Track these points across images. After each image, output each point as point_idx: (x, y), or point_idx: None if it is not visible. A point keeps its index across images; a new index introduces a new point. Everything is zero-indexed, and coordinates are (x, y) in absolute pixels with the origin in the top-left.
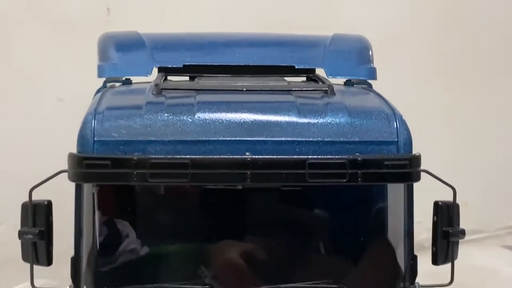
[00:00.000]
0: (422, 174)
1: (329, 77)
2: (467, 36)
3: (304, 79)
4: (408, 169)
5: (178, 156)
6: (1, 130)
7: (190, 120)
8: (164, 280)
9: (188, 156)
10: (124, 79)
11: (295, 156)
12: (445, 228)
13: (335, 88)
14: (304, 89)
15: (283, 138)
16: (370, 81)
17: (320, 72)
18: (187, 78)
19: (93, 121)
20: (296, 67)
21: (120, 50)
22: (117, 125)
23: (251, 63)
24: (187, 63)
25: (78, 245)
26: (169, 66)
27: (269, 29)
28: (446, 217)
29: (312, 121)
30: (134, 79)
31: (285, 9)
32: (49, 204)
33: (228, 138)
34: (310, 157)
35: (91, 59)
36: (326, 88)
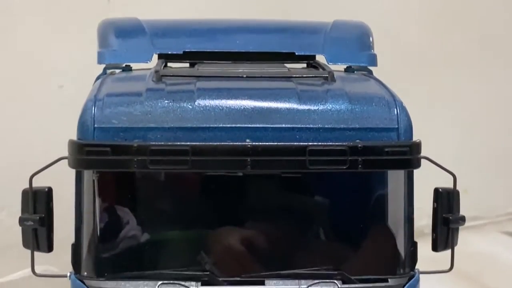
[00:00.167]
0: (422, 161)
1: (330, 63)
2: (468, 24)
3: (304, 65)
4: (409, 156)
5: (178, 143)
6: (1, 117)
7: (190, 106)
8: (165, 266)
9: (188, 143)
10: (124, 65)
11: (295, 143)
12: (445, 215)
13: (335, 75)
14: (305, 75)
15: (283, 125)
16: (370, 67)
17: (320, 58)
18: (187, 65)
19: (93, 108)
20: (297, 53)
21: (120, 36)
22: (117, 112)
23: (252, 49)
24: (187, 50)
25: (78, 232)
26: (169, 52)
27: (270, 15)
28: (446, 203)
29: (313, 107)
30: (134, 65)
31: None
32: (49, 191)
33: (228, 125)
34: (311, 144)
35: (91, 46)
36: (327, 75)
